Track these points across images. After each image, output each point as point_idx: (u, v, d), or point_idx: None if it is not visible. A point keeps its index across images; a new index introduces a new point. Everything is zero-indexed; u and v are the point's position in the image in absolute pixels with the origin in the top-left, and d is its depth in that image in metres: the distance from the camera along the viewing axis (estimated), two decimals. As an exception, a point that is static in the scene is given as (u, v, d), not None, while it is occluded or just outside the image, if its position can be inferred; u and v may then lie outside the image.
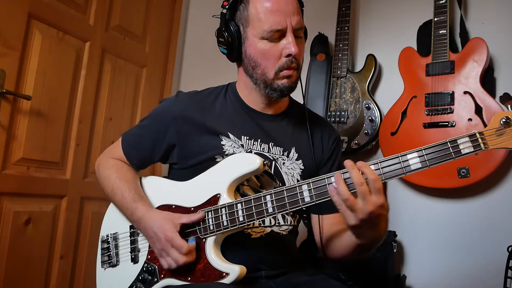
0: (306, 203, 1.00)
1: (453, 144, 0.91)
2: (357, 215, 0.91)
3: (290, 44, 1.10)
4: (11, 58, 1.66)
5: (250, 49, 1.15)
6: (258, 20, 1.11)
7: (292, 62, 1.12)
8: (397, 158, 0.94)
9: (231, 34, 1.15)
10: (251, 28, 1.13)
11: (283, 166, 1.20)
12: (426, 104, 1.76)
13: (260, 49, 1.12)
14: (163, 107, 1.28)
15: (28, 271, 1.74)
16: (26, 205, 1.74)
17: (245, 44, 1.16)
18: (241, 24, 1.15)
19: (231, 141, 1.17)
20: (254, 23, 1.12)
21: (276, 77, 1.14)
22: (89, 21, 2.00)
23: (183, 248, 1.03)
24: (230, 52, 1.18)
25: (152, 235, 1.09)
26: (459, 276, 1.77)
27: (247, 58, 1.16)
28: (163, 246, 1.06)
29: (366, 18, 2.15)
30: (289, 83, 1.15)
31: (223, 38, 1.17)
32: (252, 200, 1.04)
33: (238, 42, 1.15)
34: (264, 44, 1.12)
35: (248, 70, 1.18)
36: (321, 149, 1.28)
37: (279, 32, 1.10)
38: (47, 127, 1.81)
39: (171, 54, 2.53)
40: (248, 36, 1.14)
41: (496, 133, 0.89)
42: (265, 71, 1.14)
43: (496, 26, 1.83)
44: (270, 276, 1.15)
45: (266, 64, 1.13)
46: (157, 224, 1.08)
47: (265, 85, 1.16)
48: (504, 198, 1.74)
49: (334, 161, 1.30)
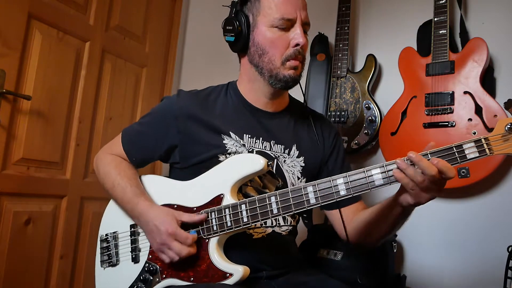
0: (312, 205, 1.00)
1: (458, 149, 0.93)
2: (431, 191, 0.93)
3: (299, 34, 1.13)
4: (11, 58, 1.65)
5: (258, 37, 1.17)
6: (269, 8, 1.15)
7: (299, 52, 1.15)
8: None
9: (241, 22, 1.18)
10: (262, 16, 1.16)
11: (284, 164, 1.21)
12: (426, 104, 1.76)
13: (269, 36, 1.15)
14: (164, 105, 1.27)
15: (28, 271, 1.73)
16: (26, 205, 1.74)
17: (254, 32, 1.18)
18: (251, 14, 1.18)
19: (233, 140, 1.17)
20: (265, 12, 1.15)
21: (283, 67, 1.16)
22: (89, 21, 2.00)
23: (188, 239, 1.03)
24: (237, 41, 1.19)
25: (153, 229, 1.08)
26: (459, 276, 1.77)
27: (254, 46, 1.18)
28: (164, 240, 1.06)
29: (366, 18, 2.15)
30: (295, 74, 1.17)
31: (232, 26, 1.19)
32: (257, 201, 1.04)
33: (247, 30, 1.18)
34: (274, 32, 1.15)
35: (254, 59, 1.19)
36: (322, 145, 1.28)
37: (289, 21, 1.14)
38: (47, 127, 1.81)
39: (171, 54, 2.53)
40: (257, 25, 1.17)
41: (501, 139, 0.91)
42: (272, 59, 1.16)
43: (496, 26, 1.84)
44: (272, 276, 1.16)
45: (273, 52, 1.15)
46: (159, 218, 1.08)
47: (270, 74, 1.17)
48: (504, 198, 1.74)
49: (337, 155, 1.31)
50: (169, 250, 1.05)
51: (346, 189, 0.98)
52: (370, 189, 0.97)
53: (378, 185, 0.97)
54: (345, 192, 0.98)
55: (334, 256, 1.68)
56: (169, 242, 1.05)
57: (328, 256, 1.69)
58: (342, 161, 1.31)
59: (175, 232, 1.04)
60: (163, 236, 1.06)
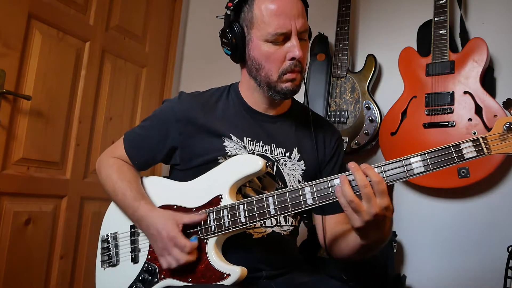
0: (309, 205, 0.99)
1: (456, 149, 0.92)
2: (362, 217, 0.91)
3: (294, 47, 1.09)
4: (11, 58, 1.66)
5: (254, 52, 1.14)
6: (263, 22, 1.10)
7: (296, 65, 1.12)
8: (400, 162, 0.94)
9: (235, 36, 1.14)
10: (256, 30, 1.12)
11: (285, 167, 1.20)
12: (426, 104, 1.76)
13: (264, 51, 1.12)
14: (165, 108, 1.27)
15: (28, 271, 1.74)
16: (26, 205, 1.74)
17: (249, 46, 1.15)
18: (245, 26, 1.14)
19: (233, 143, 1.17)
20: (258, 25, 1.11)
21: (280, 80, 1.14)
22: (89, 21, 2.00)
23: (186, 247, 1.03)
24: (234, 54, 1.17)
25: (154, 233, 1.08)
26: (459, 276, 1.77)
27: (250, 60, 1.16)
28: (164, 245, 1.06)
29: (366, 18, 2.15)
30: (293, 86, 1.15)
31: (227, 39, 1.16)
32: (254, 201, 1.04)
33: (242, 43, 1.15)
34: (268, 47, 1.11)
35: (252, 72, 1.18)
36: (323, 149, 1.28)
37: (283, 35, 1.10)
38: (47, 127, 1.81)
39: (171, 54, 2.53)
40: (252, 38, 1.14)
41: (499, 138, 0.90)
42: (268, 73, 1.14)
43: (496, 26, 1.83)
44: (271, 276, 1.15)
45: (269, 67, 1.13)
46: (160, 222, 1.08)
47: (269, 87, 1.16)
48: (504, 198, 1.74)
49: (336, 160, 1.30)
50: (169, 256, 1.05)
51: None
52: None
53: None
54: None
55: (334, 256, 1.68)
56: (169, 248, 1.05)
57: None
58: (340, 167, 1.30)
59: (176, 238, 1.04)
60: (164, 240, 1.06)
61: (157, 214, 1.11)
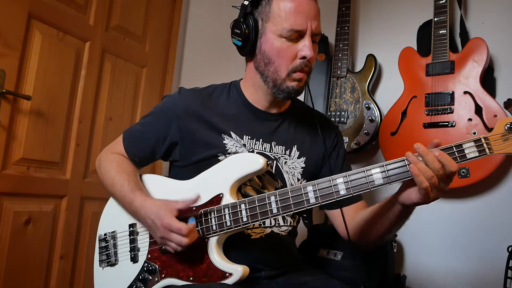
0: (311, 204, 1.00)
1: (458, 149, 0.93)
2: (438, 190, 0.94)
3: (307, 47, 1.10)
4: (11, 58, 1.65)
5: (265, 45, 1.14)
6: (279, 17, 1.11)
7: (306, 65, 1.13)
8: (401, 162, 0.96)
9: (249, 27, 1.14)
10: (271, 24, 1.13)
11: (285, 165, 1.21)
12: (426, 104, 1.76)
13: (276, 46, 1.12)
14: (165, 104, 1.27)
15: (28, 271, 1.73)
16: (26, 205, 1.74)
17: (261, 39, 1.15)
18: (261, 19, 1.15)
19: (233, 141, 1.17)
20: (274, 20, 1.12)
21: (288, 78, 1.14)
22: (89, 21, 2.00)
23: (182, 230, 1.02)
24: (244, 45, 1.17)
25: (151, 224, 1.08)
26: (459, 276, 1.77)
27: (261, 53, 1.16)
28: (162, 234, 1.05)
29: (366, 18, 2.15)
30: (298, 87, 1.15)
31: (239, 30, 1.16)
32: (256, 200, 1.04)
33: (254, 36, 1.15)
34: (281, 42, 1.12)
35: (260, 66, 1.17)
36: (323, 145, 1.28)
37: (298, 33, 1.11)
38: (47, 127, 1.81)
39: (171, 54, 2.53)
40: (266, 32, 1.14)
41: (501, 138, 0.92)
42: (277, 69, 1.14)
43: (496, 26, 1.84)
44: (271, 276, 1.15)
45: (280, 62, 1.13)
46: (153, 212, 1.07)
47: (274, 84, 1.16)
48: (504, 198, 1.74)
49: (337, 154, 1.30)
50: (170, 242, 1.05)
51: (346, 189, 0.98)
52: (370, 188, 0.97)
53: (378, 185, 0.97)
54: (345, 191, 0.98)
55: (334, 256, 1.68)
56: (167, 235, 1.04)
57: (328, 256, 1.69)
58: (343, 161, 1.31)
59: (170, 224, 1.03)
60: (160, 229, 1.05)
61: (151, 203, 1.10)
